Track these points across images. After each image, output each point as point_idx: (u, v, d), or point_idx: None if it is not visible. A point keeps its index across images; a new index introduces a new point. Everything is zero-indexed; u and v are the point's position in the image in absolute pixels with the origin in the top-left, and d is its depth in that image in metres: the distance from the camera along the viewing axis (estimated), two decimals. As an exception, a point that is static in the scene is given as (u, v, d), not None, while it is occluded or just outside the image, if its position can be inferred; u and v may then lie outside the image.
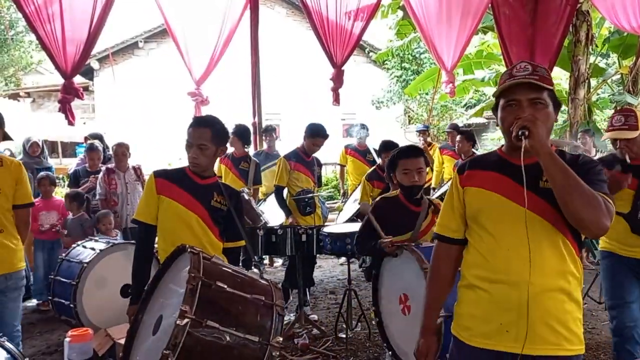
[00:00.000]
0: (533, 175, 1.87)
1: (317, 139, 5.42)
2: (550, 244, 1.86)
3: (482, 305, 1.91)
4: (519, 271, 1.83)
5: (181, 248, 2.36)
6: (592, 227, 1.78)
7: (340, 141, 13.54)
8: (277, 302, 2.22)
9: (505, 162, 1.98)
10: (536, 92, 1.88)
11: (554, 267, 1.85)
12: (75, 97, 5.36)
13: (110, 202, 5.82)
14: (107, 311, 4.48)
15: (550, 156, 1.78)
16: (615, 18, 6.58)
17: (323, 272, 7.25)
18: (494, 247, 1.90)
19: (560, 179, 1.76)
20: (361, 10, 6.72)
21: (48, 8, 5.08)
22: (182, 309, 1.92)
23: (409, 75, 15.99)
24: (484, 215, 1.94)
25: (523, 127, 1.79)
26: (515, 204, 1.88)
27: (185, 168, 2.98)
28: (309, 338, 4.59)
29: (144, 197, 2.96)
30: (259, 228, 4.74)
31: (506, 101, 1.92)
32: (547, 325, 1.83)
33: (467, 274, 2.00)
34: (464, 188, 2.03)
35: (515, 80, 1.88)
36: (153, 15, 10.81)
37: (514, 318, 1.83)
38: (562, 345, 1.84)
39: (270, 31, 13.02)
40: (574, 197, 1.74)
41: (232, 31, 6.81)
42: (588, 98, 9.43)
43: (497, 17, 7.40)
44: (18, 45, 22.26)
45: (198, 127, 2.88)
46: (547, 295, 1.83)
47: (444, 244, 2.10)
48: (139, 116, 16.82)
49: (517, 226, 1.86)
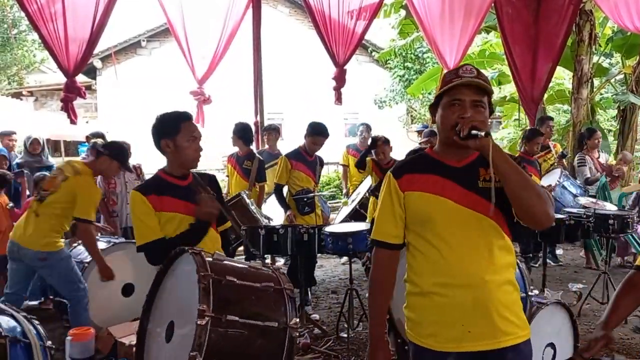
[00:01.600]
0: (471, 175, 1.94)
1: (318, 137, 5.41)
2: (496, 240, 1.93)
3: (443, 311, 1.92)
4: (475, 272, 1.88)
5: (178, 251, 2.34)
6: (543, 219, 1.86)
7: (343, 141, 13.54)
8: (286, 286, 2.24)
9: (440, 164, 2.00)
10: (479, 95, 1.92)
11: (502, 262, 1.93)
12: (77, 96, 5.37)
13: (109, 202, 5.81)
14: (108, 310, 4.49)
15: (502, 154, 1.83)
16: (618, 17, 6.57)
17: (325, 271, 7.24)
18: (446, 251, 1.91)
19: (514, 177, 1.81)
20: (364, 9, 6.72)
21: (51, 7, 5.09)
22: (200, 309, 1.93)
23: (411, 75, 15.96)
24: (434, 220, 1.93)
25: (474, 127, 1.80)
26: (461, 205, 1.91)
27: (160, 174, 2.83)
28: (311, 337, 4.58)
29: (142, 220, 2.70)
30: (260, 227, 4.74)
31: (450, 100, 1.92)
32: (503, 318, 1.90)
33: (419, 281, 1.97)
34: (405, 193, 1.98)
35: (463, 79, 1.89)
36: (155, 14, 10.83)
37: (474, 318, 1.88)
38: (517, 333, 1.93)
39: (273, 30, 13.02)
40: (529, 192, 1.81)
41: (235, 30, 6.82)
42: (591, 98, 9.42)
43: (500, 17, 7.39)
44: (21, 44, 22.30)
45: (192, 120, 2.82)
46: (500, 289, 1.91)
47: (386, 251, 2.05)
48: (141, 115, 16.78)
49: (466, 228, 1.91)
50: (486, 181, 1.90)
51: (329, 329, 4.84)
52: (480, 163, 1.94)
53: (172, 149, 2.76)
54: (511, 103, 12.12)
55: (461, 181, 1.93)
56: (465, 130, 1.81)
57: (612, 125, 13.80)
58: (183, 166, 2.82)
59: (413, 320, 2.02)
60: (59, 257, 4.16)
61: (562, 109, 14.36)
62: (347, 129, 18.90)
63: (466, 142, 1.82)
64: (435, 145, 2.10)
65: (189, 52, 6.66)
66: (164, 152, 2.80)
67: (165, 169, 2.84)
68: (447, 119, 1.92)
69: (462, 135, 1.83)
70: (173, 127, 2.75)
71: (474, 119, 1.85)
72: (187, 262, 2.25)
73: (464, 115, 1.88)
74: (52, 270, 4.15)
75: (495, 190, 1.85)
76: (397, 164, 2.11)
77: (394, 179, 2.02)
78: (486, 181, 1.90)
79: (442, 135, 1.99)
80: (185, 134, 2.75)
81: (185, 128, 2.75)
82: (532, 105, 7.68)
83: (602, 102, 11.54)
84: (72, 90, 5.29)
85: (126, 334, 3.96)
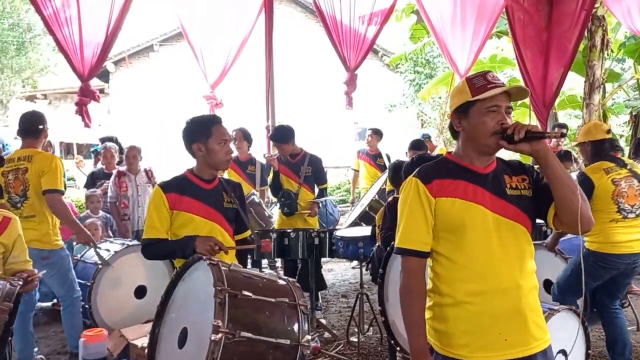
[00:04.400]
0: (498, 182, 1.97)
1: (277, 144, 5.45)
2: (527, 246, 1.96)
3: (476, 320, 1.90)
4: (509, 277, 1.89)
5: (196, 257, 2.36)
6: (587, 223, 1.86)
7: (353, 145, 13.54)
8: (300, 302, 2.27)
9: (468, 169, 1.99)
10: (509, 102, 1.94)
11: (531, 268, 1.96)
12: (92, 99, 5.42)
13: (120, 205, 5.87)
14: (121, 312, 4.54)
15: (555, 157, 1.86)
16: (631, 23, 6.54)
17: (335, 275, 7.25)
18: (480, 258, 1.90)
19: (567, 181, 1.84)
20: (375, 14, 6.74)
21: (66, 11, 5.14)
22: (214, 324, 1.96)
23: (422, 79, 15.95)
24: (467, 226, 1.91)
25: (529, 131, 1.82)
26: (493, 212, 1.92)
27: (187, 174, 2.89)
28: (321, 342, 4.58)
29: (154, 213, 2.77)
30: (271, 231, 4.77)
31: (489, 106, 1.91)
32: (534, 323, 1.92)
33: (451, 291, 1.93)
34: (437, 199, 1.93)
35: (501, 88, 1.90)
36: (168, 19, 10.93)
37: (510, 324, 1.88)
38: (544, 337, 1.95)
39: (285, 35, 13.06)
40: (577, 196, 1.82)
41: (247, 35, 6.85)
42: (603, 103, 9.36)
43: (511, 22, 7.37)
44: (35, 48, 22.52)
45: (221, 123, 2.86)
46: (530, 295, 1.93)
47: (417, 259, 1.97)
48: (153, 118, 16.94)
49: (499, 234, 1.91)
50: (512, 188, 1.95)
51: (339, 333, 4.84)
52: (502, 171, 1.98)
53: (204, 152, 2.82)
54: (522, 108, 12.06)
55: (490, 188, 1.94)
56: (522, 133, 1.82)
57: (624, 131, 13.69)
58: (214, 168, 2.88)
59: (443, 332, 1.96)
60: (59, 255, 4.19)
61: (574, 114, 14.28)
62: (357, 133, 18.90)
63: (519, 146, 1.84)
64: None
65: (201, 56, 6.70)
66: (195, 155, 2.87)
67: (194, 171, 2.90)
68: (487, 125, 1.91)
69: (516, 138, 1.83)
70: (204, 131, 2.81)
71: (525, 123, 1.86)
72: (203, 271, 2.26)
73: (505, 121, 1.90)
74: (53, 269, 4.13)
75: (523, 198, 1.93)
76: (422, 169, 2.03)
77: (422, 184, 1.96)
78: (512, 188, 1.95)
79: (477, 142, 1.95)
80: (216, 138, 2.80)
81: (217, 131, 2.81)
82: (543, 110, 7.65)
83: (614, 108, 11.47)
84: (86, 94, 5.34)
85: (138, 336, 4.00)
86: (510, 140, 1.85)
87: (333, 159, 5.78)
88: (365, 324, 4.76)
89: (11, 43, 21.18)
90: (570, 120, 14.26)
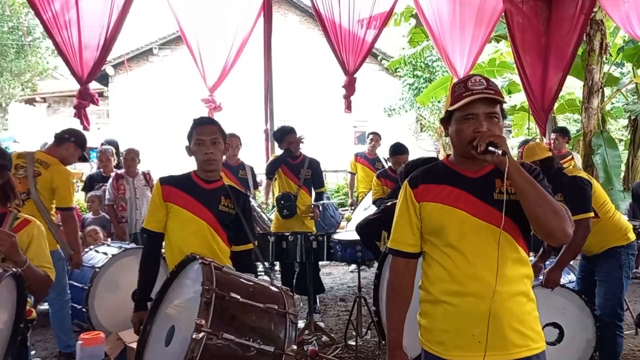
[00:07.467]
0: (486, 187, 1.96)
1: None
2: (510, 252, 1.93)
3: (452, 319, 1.94)
4: (486, 282, 1.88)
5: (190, 257, 2.35)
6: (559, 235, 1.86)
7: (352, 148, 13.52)
8: (290, 310, 2.22)
9: (457, 174, 2.01)
10: (492, 107, 1.91)
11: (515, 274, 1.94)
12: (90, 102, 5.43)
13: (118, 207, 5.85)
14: (118, 315, 4.51)
15: (519, 170, 1.83)
16: (629, 27, 6.56)
17: (333, 279, 7.24)
18: (458, 261, 1.92)
19: (530, 192, 1.82)
20: (374, 18, 6.76)
21: (65, 14, 5.16)
22: (197, 323, 1.93)
23: (421, 83, 15.98)
24: (447, 230, 1.95)
25: (491, 143, 1.81)
26: (474, 217, 1.93)
27: (191, 173, 2.95)
28: (319, 345, 4.58)
29: (151, 205, 2.92)
30: (269, 234, 4.76)
31: (464, 114, 1.92)
32: (514, 330, 1.90)
33: (432, 289, 2.00)
34: (420, 203, 2.01)
35: (474, 95, 1.89)
36: (168, 22, 10.93)
37: (484, 328, 1.87)
38: (529, 345, 1.93)
39: (283, 39, 13.08)
40: (544, 209, 1.81)
41: (246, 39, 6.87)
42: (602, 107, 9.38)
43: (510, 26, 7.40)
44: (35, 51, 22.52)
45: (207, 124, 2.88)
46: (511, 300, 1.91)
47: (402, 259, 2.08)
48: (153, 122, 16.95)
49: (480, 239, 1.91)
50: (501, 193, 1.90)
51: (337, 337, 4.84)
52: (496, 174, 1.94)
53: (191, 153, 2.91)
54: (521, 112, 12.09)
55: (476, 192, 1.95)
56: (483, 146, 1.82)
57: (623, 135, 13.73)
58: (200, 169, 2.91)
59: (425, 327, 2.04)
60: (55, 257, 4.15)
61: (573, 118, 14.30)
62: (356, 137, 18.92)
63: (484, 157, 1.83)
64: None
65: (200, 60, 6.71)
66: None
67: (196, 171, 2.97)
68: (463, 133, 1.92)
69: (479, 150, 1.83)
70: (190, 133, 2.90)
71: (491, 133, 1.85)
72: (196, 271, 2.25)
73: (480, 129, 1.88)
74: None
75: (511, 203, 1.87)
76: (414, 173, 2.11)
77: (410, 188, 2.05)
78: (501, 193, 1.90)
79: (459, 149, 1.99)
80: (195, 139, 2.84)
81: (196, 132, 2.85)
82: (542, 114, 7.68)
83: (612, 112, 11.49)
84: (85, 97, 5.36)
85: (136, 339, 3.98)
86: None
87: (331, 162, 5.77)
88: (363, 328, 4.75)
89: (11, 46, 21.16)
90: (569, 124, 14.28)
